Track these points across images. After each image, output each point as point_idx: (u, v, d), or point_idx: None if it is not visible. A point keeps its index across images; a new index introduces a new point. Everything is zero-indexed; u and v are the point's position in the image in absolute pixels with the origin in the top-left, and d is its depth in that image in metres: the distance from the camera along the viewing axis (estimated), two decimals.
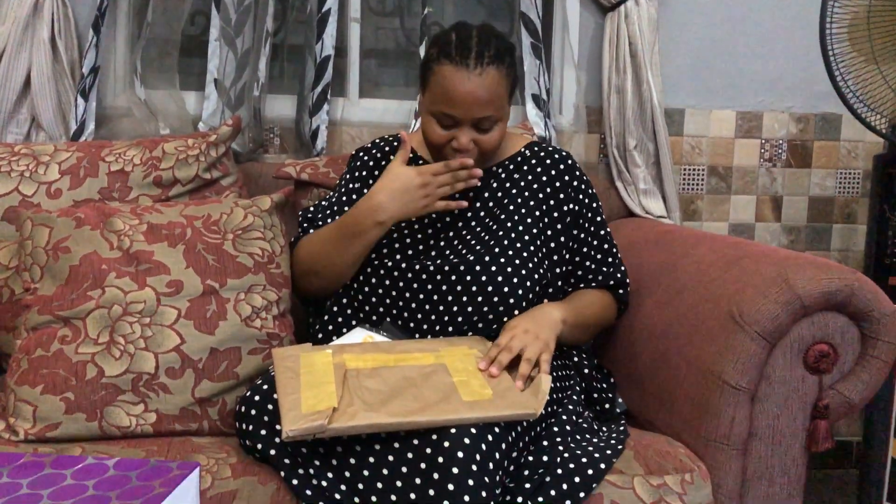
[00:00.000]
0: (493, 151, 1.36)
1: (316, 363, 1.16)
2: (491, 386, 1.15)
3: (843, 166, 2.17)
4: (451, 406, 1.08)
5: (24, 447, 1.16)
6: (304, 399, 1.07)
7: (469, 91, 1.27)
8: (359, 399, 1.08)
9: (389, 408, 1.07)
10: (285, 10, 1.94)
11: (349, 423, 1.04)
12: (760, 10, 2.07)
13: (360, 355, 1.19)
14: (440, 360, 1.18)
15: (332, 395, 1.07)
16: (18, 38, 1.72)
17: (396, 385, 1.12)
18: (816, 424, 1.23)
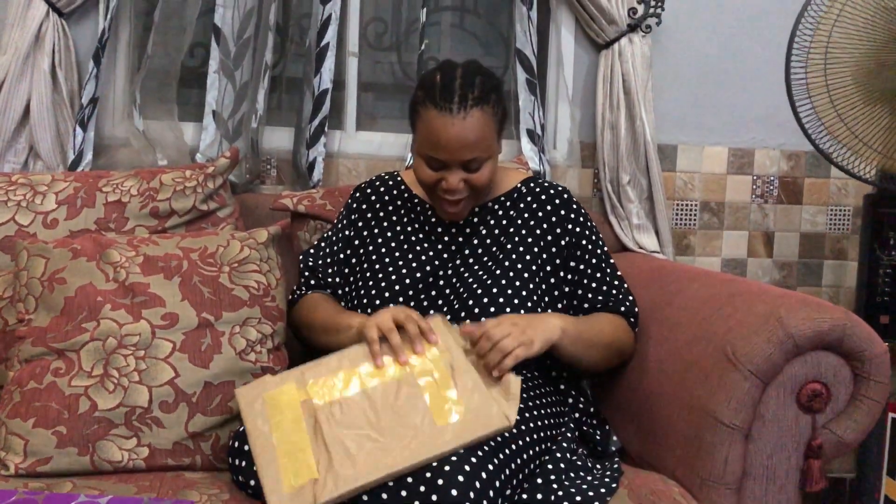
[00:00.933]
0: (484, 188, 1.37)
1: (283, 408, 1.12)
2: (462, 397, 1.13)
3: (833, 203, 2.20)
4: (430, 439, 1.08)
5: (15, 482, 1.15)
6: (283, 470, 1.06)
7: (454, 136, 1.28)
8: (338, 455, 1.06)
9: (370, 460, 1.06)
10: (284, 44, 1.96)
11: (335, 496, 1.03)
12: (752, 47, 2.11)
13: (325, 381, 1.15)
14: (406, 369, 1.16)
15: (310, 465, 1.06)
16: (19, 68, 1.73)
17: (370, 423, 1.10)
18: (810, 464, 1.23)
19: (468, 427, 1.10)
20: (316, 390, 1.14)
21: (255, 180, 1.93)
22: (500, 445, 1.12)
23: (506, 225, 1.41)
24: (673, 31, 2.07)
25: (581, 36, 2.05)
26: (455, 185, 1.32)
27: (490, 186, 1.41)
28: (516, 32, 1.97)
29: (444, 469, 1.04)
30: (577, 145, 2.04)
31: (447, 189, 1.33)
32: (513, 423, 1.12)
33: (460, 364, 1.18)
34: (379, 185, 1.51)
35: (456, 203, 1.36)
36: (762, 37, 2.10)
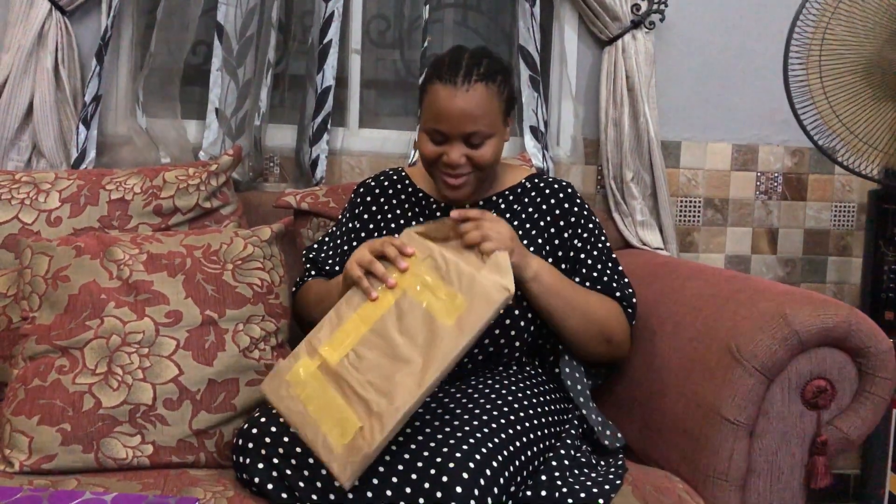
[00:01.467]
0: (486, 168, 1.35)
1: (305, 380, 1.13)
2: (458, 289, 1.13)
3: (837, 199, 2.19)
4: (447, 341, 1.09)
5: (20, 479, 1.15)
6: (330, 435, 1.07)
7: (456, 106, 1.29)
8: (372, 397, 1.07)
9: (403, 388, 1.07)
10: (287, 41, 1.96)
11: (385, 433, 1.04)
12: (756, 44, 2.10)
13: (332, 338, 1.15)
14: (397, 291, 1.16)
15: (350, 419, 1.07)
16: (22, 67, 1.73)
17: (388, 355, 1.11)
18: (815, 461, 1.23)
19: (475, 312, 1.11)
20: (328, 351, 1.15)
21: (258, 178, 1.93)
22: (505, 442, 1.12)
23: (509, 218, 1.40)
24: (676, 27, 2.06)
25: (584, 32, 2.04)
26: (456, 159, 1.31)
27: (493, 171, 1.40)
28: (519, 29, 1.97)
29: (449, 466, 1.04)
30: (580, 142, 2.04)
31: (448, 163, 1.32)
32: (513, 292, 1.13)
33: (444, 261, 1.17)
34: (384, 179, 1.51)
35: (457, 178, 1.33)
36: (766, 33, 2.09)
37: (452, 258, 1.17)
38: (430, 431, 1.11)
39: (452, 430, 1.10)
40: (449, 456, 1.05)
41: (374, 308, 1.16)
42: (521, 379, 1.31)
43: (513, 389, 1.26)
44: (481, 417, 1.15)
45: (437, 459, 1.05)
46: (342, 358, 1.13)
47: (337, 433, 1.06)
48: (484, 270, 1.16)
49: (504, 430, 1.14)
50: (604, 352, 1.37)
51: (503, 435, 1.13)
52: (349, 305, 1.18)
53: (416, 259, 1.18)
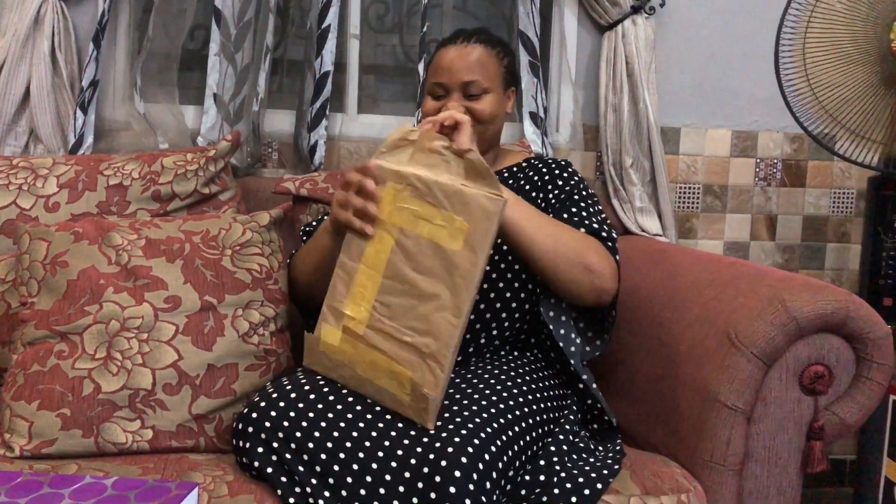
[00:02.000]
0: (486, 123, 1.39)
1: (340, 347, 1.16)
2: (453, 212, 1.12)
3: (836, 186, 2.19)
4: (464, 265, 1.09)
5: (20, 464, 1.15)
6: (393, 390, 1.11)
7: (454, 56, 1.38)
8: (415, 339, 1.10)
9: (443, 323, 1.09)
10: (285, 26, 1.95)
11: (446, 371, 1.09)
12: (756, 30, 2.09)
13: (351, 294, 1.16)
14: (391, 229, 1.16)
15: (398, 371, 1.10)
16: (18, 51, 1.72)
17: (413, 295, 1.12)
18: (812, 446, 1.23)
19: (480, 228, 1.10)
20: (353, 309, 1.16)
21: (257, 164, 1.93)
22: (503, 427, 1.12)
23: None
24: (676, 12, 2.05)
25: (584, 17, 2.03)
26: (456, 106, 1.36)
27: (493, 139, 1.44)
28: (519, 14, 1.96)
29: (447, 450, 1.04)
30: (579, 128, 2.03)
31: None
32: (505, 197, 1.12)
33: (424, 185, 1.15)
34: None
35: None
36: (766, 19, 2.07)
37: (430, 177, 1.15)
38: None
39: (451, 416, 1.11)
40: (447, 441, 1.05)
41: (376, 253, 1.16)
42: (519, 365, 1.31)
43: (511, 375, 1.26)
44: (480, 402, 1.15)
45: (435, 444, 1.05)
46: (370, 311, 1.14)
47: (395, 386, 1.11)
48: (466, 181, 1.14)
49: (502, 415, 1.14)
50: (587, 284, 1.27)
51: (501, 420, 1.13)
52: (350, 256, 1.18)
53: (396, 190, 1.17)
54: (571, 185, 1.43)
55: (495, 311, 1.33)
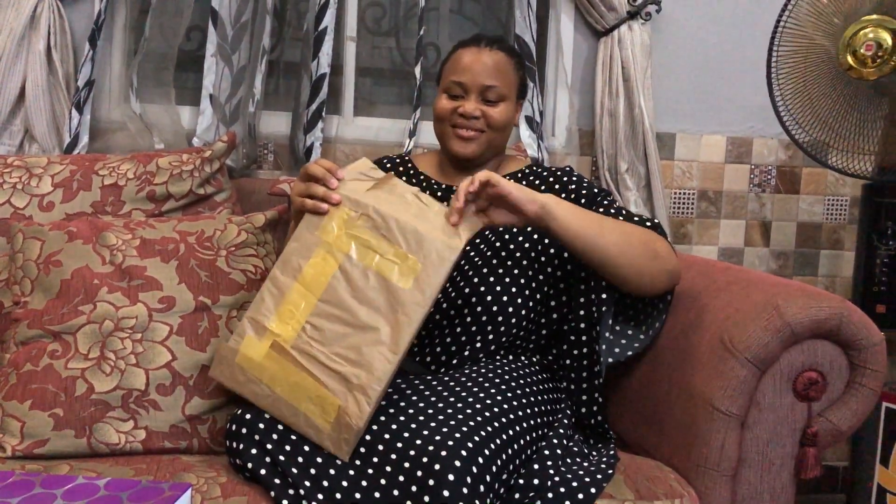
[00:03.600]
0: (497, 130, 1.40)
1: (262, 363, 1.10)
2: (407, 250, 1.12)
3: (830, 193, 2.20)
4: (410, 305, 1.09)
5: (11, 464, 1.14)
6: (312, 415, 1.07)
7: (477, 59, 1.38)
8: (345, 369, 1.07)
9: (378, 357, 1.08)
10: (282, 28, 1.95)
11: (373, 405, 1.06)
12: (752, 36, 2.10)
13: (279, 312, 1.12)
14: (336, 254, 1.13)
15: (326, 396, 1.07)
16: (14, 50, 1.72)
17: (349, 324, 1.10)
18: (805, 452, 1.24)
19: (432, 272, 1.11)
20: (278, 326, 1.12)
21: (252, 165, 1.93)
22: (497, 431, 1.12)
23: None
24: (673, 18, 2.06)
25: (580, 23, 2.04)
26: (472, 109, 1.37)
27: (501, 144, 1.45)
28: (515, 18, 1.96)
29: (441, 454, 1.04)
30: (575, 133, 2.04)
31: (463, 113, 1.37)
32: (464, 241, 1.13)
33: (381, 218, 1.14)
34: (386, 162, 1.53)
35: (469, 131, 1.38)
36: (762, 25, 2.09)
37: (389, 213, 1.14)
38: (423, 419, 1.11)
39: (445, 419, 1.11)
40: (441, 444, 1.05)
41: (316, 275, 1.13)
42: (513, 369, 1.31)
43: (505, 378, 1.26)
44: (474, 406, 1.15)
45: (429, 447, 1.05)
46: (298, 332, 1.11)
47: (317, 411, 1.07)
48: (427, 224, 1.14)
49: (497, 418, 1.14)
50: (657, 268, 1.27)
51: (496, 423, 1.13)
52: (285, 272, 1.15)
53: (349, 216, 1.15)
54: (585, 187, 1.42)
55: (492, 315, 1.33)
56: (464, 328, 1.33)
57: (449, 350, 1.34)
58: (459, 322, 1.33)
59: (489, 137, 1.40)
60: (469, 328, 1.33)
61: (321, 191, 1.17)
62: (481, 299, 1.33)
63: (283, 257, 1.16)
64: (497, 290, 1.34)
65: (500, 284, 1.35)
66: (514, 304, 1.34)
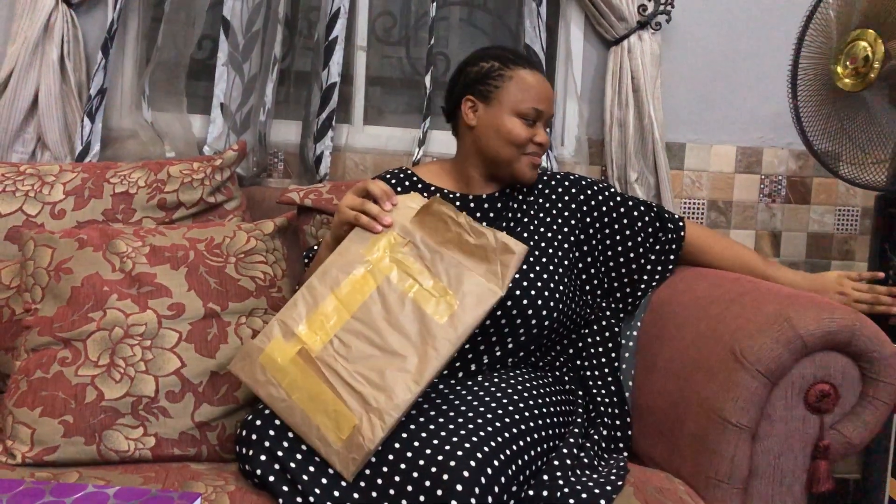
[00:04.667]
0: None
1: (284, 366, 1.10)
2: (448, 285, 1.13)
3: (841, 203, 2.19)
4: (441, 339, 1.10)
5: (21, 471, 1.14)
6: (325, 429, 1.07)
7: (544, 86, 1.44)
8: (366, 389, 1.07)
9: (400, 383, 1.07)
10: (293, 37, 1.96)
11: (387, 430, 1.05)
12: (762, 46, 2.10)
13: (310, 319, 1.12)
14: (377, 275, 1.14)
15: (344, 413, 1.06)
16: (28, 59, 1.73)
17: (377, 346, 1.10)
18: (817, 465, 1.23)
19: (468, 312, 1.12)
20: (307, 335, 1.11)
21: (263, 173, 1.93)
22: (507, 441, 1.12)
23: (526, 209, 1.46)
24: (683, 28, 2.06)
25: (590, 32, 2.04)
26: (546, 140, 1.44)
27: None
28: (525, 28, 1.97)
29: (450, 464, 1.03)
30: (585, 142, 2.04)
31: (541, 143, 1.43)
32: (504, 288, 1.15)
33: (427, 249, 1.16)
34: (390, 178, 1.52)
35: (539, 158, 1.45)
36: (772, 35, 2.09)
37: (435, 245, 1.16)
38: (434, 429, 1.10)
39: (456, 428, 1.10)
40: (451, 454, 1.05)
41: (353, 291, 1.13)
42: (525, 379, 1.31)
43: (518, 389, 1.26)
44: (485, 416, 1.15)
45: (438, 457, 1.05)
46: (326, 344, 1.10)
47: (331, 426, 1.06)
48: (471, 261, 1.15)
49: (507, 429, 1.14)
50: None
51: (506, 434, 1.13)
52: (323, 283, 1.15)
53: (396, 240, 1.16)
54: (611, 191, 1.52)
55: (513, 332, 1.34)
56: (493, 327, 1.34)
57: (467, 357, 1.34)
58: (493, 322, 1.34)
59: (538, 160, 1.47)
60: (486, 340, 1.33)
61: (376, 209, 1.19)
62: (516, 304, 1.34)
63: (323, 267, 1.17)
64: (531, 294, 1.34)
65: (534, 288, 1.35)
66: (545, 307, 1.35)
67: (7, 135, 1.75)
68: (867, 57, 1.60)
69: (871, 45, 1.61)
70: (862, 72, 1.61)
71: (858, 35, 1.67)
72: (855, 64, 1.61)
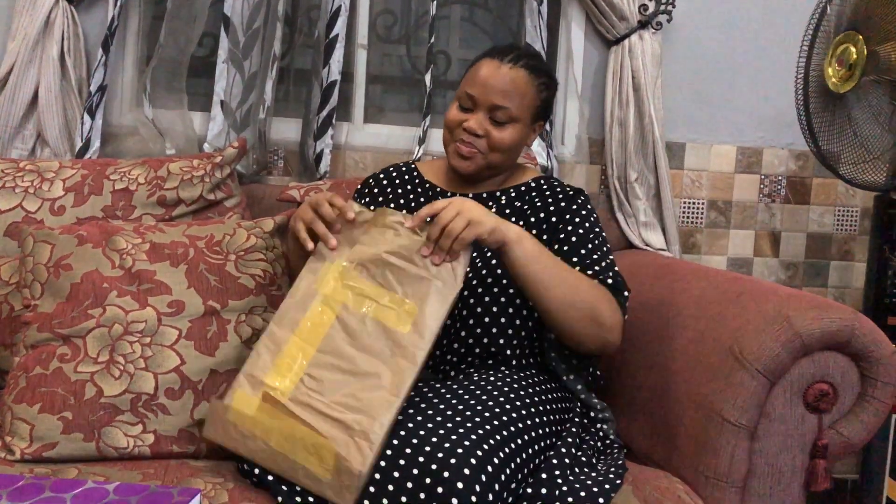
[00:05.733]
0: (501, 152, 1.36)
1: (255, 416, 1.08)
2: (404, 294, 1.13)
3: (841, 203, 2.19)
4: (410, 348, 1.10)
5: (20, 467, 1.15)
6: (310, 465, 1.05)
7: (494, 73, 1.33)
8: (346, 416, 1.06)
9: (378, 402, 1.06)
10: (293, 35, 1.96)
11: (376, 449, 1.04)
12: (763, 46, 2.10)
13: (276, 365, 1.11)
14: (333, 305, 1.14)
15: (323, 444, 1.04)
16: (28, 55, 1.73)
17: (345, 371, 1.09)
18: (815, 464, 1.23)
19: (430, 314, 1.12)
20: (276, 380, 1.10)
21: (262, 171, 1.93)
22: (506, 439, 1.12)
23: (508, 214, 1.41)
24: (683, 28, 2.06)
25: (591, 32, 2.04)
26: (474, 126, 1.34)
27: (504, 165, 1.41)
28: (526, 27, 1.97)
29: (450, 462, 1.03)
30: (585, 141, 2.04)
31: (467, 128, 1.34)
32: (460, 283, 1.15)
33: (375, 265, 1.16)
34: (392, 171, 1.53)
35: (469, 147, 1.35)
36: (773, 36, 2.09)
37: (383, 259, 1.16)
38: (433, 427, 1.10)
39: (454, 427, 1.10)
40: (451, 452, 1.05)
41: (314, 327, 1.14)
42: (522, 377, 1.31)
43: (514, 387, 1.25)
44: (483, 414, 1.15)
45: (438, 455, 1.05)
46: (297, 384, 1.09)
47: (314, 461, 1.04)
48: (422, 270, 1.15)
49: (506, 427, 1.14)
50: (593, 335, 1.27)
51: (505, 432, 1.13)
52: (282, 326, 1.15)
53: (344, 267, 1.17)
54: (588, 224, 1.38)
55: (498, 326, 1.33)
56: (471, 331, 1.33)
57: (458, 354, 1.34)
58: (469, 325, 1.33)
59: (490, 159, 1.37)
60: (476, 337, 1.33)
61: (322, 230, 1.18)
62: (488, 310, 1.33)
63: (279, 312, 1.17)
64: (501, 301, 1.34)
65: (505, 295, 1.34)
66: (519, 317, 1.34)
67: (7, 131, 1.75)
68: (854, 59, 1.61)
69: (857, 48, 1.62)
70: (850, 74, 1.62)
71: (847, 37, 1.67)
72: (843, 66, 1.62)
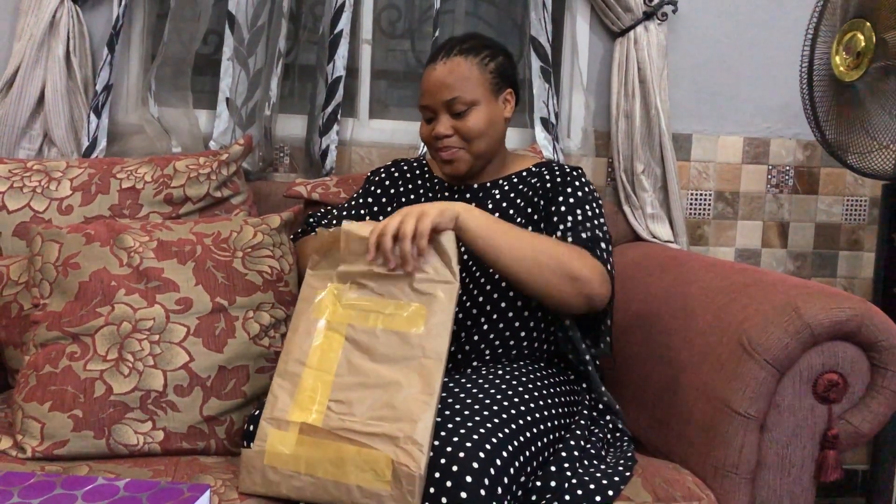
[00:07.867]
0: (477, 139, 1.35)
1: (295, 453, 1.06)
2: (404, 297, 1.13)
3: (849, 193, 2.18)
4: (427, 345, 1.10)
5: (32, 465, 1.15)
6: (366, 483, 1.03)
7: (431, 77, 1.35)
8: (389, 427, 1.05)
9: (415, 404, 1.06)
10: (298, 31, 1.96)
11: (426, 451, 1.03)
12: (769, 36, 2.09)
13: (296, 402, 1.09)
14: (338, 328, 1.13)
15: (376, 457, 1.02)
16: (34, 55, 1.74)
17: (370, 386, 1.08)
18: (826, 454, 1.22)
19: (439, 311, 1.12)
20: (301, 415, 1.08)
21: (268, 168, 1.93)
22: (515, 432, 1.12)
23: (514, 198, 1.41)
24: (689, 19, 2.05)
25: (596, 23, 2.03)
26: (441, 130, 1.35)
27: (496, 150, 1.41)
28: (531, 20, 1.96)
29: (459, 456, 1.04)
30: (591, 134, 2.03)
31: (437, 134, 1.35)
32: (457, 277, 1.14)
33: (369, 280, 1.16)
34: (402, 164, 1.55)
35: (448, 151, 1.36)
36: (779, 25, 2.08)
37: (375, 271, 1.15)
38: (442, 421, 1.10)
39: (463, 420, 1.10)
40: (460, 445, 1.05)
41: (324, 354, 1.13)
42: (530, 370, 1.31)
43: (523, 381, 1.26)
44: (492, 408, 1.15)
45: (447, 448, 1.05)
46: (325, 414, 1.07)
47: (370, 477, 1.02)
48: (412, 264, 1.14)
49: (514, 420, 1.14)
50: (572, 291, 1.23)
51: (513, 425, 1.13)
52: (292, 364, 1.13)
53: (338, 290, 1.17)
54: (581, 194, 1.37)
55: (505, 322, 1.33)
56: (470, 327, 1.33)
57: (466, 352, 1.34)
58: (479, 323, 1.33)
59: (473, 149, 1.36)
60: (485, 334, 1.33)
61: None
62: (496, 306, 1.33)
63: (285, 351, 1.17)
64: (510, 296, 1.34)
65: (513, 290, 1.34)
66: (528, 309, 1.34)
67: (14, 131, 1.75)
68: (863, 47, 1.60)
69: (865, 36, 1.60)
70: (858, 62, 1.60)
71: (853, 25, 1.66)
72: (850, 54, 1.61)
